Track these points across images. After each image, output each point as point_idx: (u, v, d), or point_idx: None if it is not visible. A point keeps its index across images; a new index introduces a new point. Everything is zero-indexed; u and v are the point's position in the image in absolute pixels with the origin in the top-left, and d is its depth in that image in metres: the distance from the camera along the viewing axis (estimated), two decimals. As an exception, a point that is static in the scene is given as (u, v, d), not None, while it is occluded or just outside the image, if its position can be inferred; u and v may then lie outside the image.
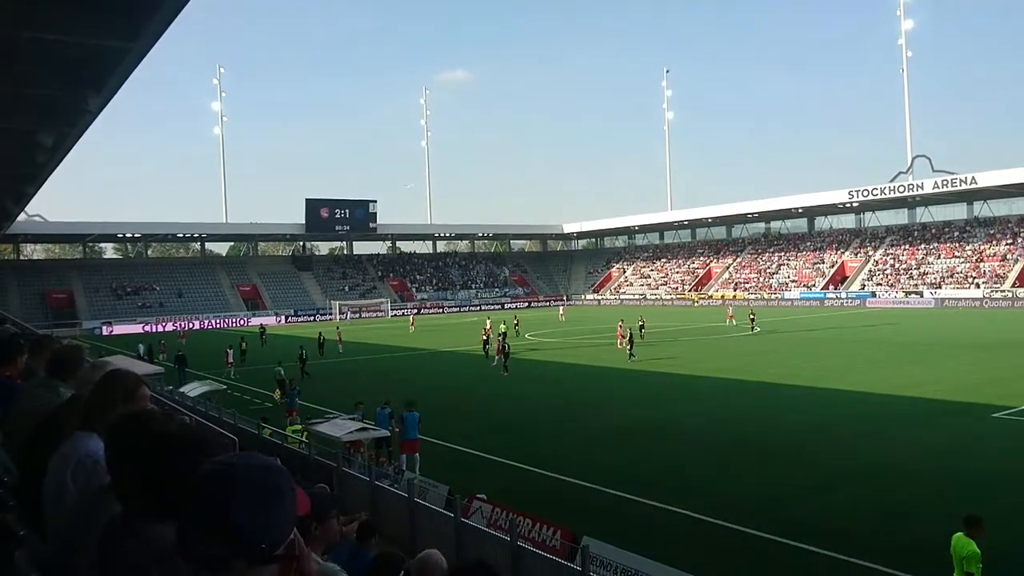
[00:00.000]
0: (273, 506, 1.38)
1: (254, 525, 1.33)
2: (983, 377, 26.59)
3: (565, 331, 53.18)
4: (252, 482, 1.37)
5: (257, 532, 1.33)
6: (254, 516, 1.33)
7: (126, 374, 2.89)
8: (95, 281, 77.90)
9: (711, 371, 30.65)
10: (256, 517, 1.34)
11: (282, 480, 1.43)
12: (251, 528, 1.32)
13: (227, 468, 1.40)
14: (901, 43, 77.10)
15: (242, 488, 1.35)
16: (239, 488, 1.35)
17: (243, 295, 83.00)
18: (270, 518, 1.37)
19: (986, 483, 14.61)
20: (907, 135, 78.09)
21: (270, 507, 1.37)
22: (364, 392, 23.36)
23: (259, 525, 1.34)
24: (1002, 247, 69.01)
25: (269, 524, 1.36)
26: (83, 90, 13.53)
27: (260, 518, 1.34)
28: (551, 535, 10.93)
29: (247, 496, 1.35)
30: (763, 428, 19.91)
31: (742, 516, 12.96)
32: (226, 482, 1.36)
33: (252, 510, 1.34)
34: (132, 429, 2.10)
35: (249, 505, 1.34)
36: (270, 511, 1.37)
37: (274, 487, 1.40)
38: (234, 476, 1.37)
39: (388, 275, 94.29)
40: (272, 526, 1.36)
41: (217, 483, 1.36)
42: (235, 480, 1.36)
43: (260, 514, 1.35)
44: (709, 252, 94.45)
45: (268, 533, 1.35)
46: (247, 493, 1.35)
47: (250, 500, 1.35)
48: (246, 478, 1.37)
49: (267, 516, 1.36)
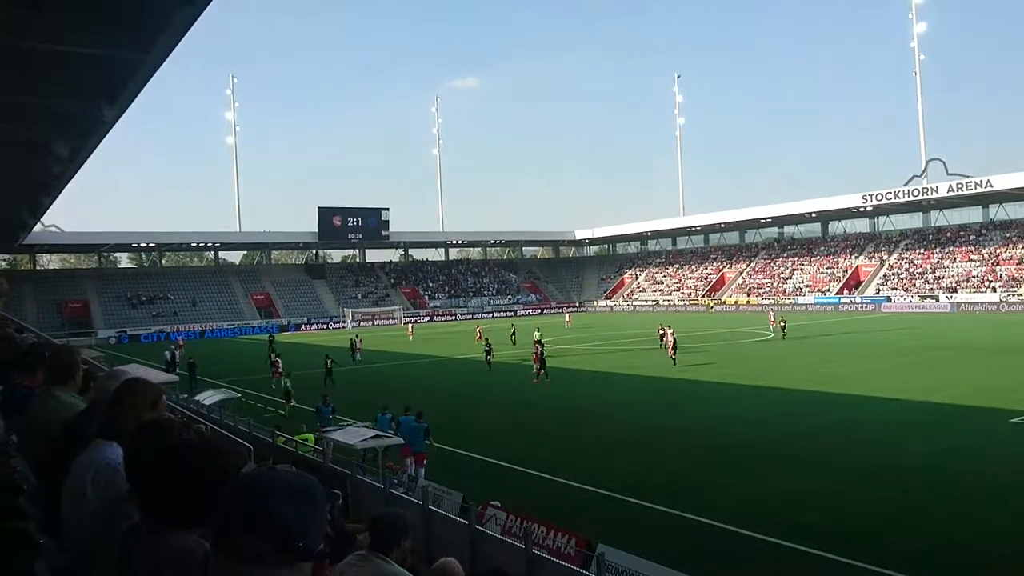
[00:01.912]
0: (309, 510, 1.51)
1: (293, 525, 1.46)
2: (1000, 382, 26.34)
3: (570, 338, 53.06)
4: (292, 486, 1.51)
5: (296, 532, 1.46)
6: (293, 517, 1.47)
7: (145, 383, 2.92)
8: (110, 290, 78.48)
9: (726, 377, 30.51)
10: (295, 518, 1.47)
11: (317, 490, 1.57)
12: (291, 527, 1.45)
13: (270, 472, 1.57)
14: (913, 46, 76.84)
15: (284, 491, 1.49)
16: (281, 491, 1.49)
17: (257, 303, 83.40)
18: (307, 520, 1.50)
19: (1003, 489, 14.46)
20: (921, 138, 77.76)
21: (307, 511, 1.51)
22: (377, 399, 23.39)
23: (297, 525, 1.47)
24: (1019, 250, 68.39)
25: (306, 526, 1.49)
26: (98, 101, 13.68)
27: (299, 519, 1.47)
28: (566, 543, 10.90)
29: (288, 498, 1.48)
30: (779, 433, 19.79)
31: (759, 522, 12.87)
32: (270, 484, 1.50)
33: (292, 511, 1.47)
34: (151, 438, 2.13)
35: (289, 507, 1.47)
36: (307, 514, 1.50)
37: (311, 494, 1.54)
38: (277, 479, 1.52)
39: (401, 283, 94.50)
40: (309, 528, 1.49)
41: (262, 485, 1.50)
42: (278, 483, 1.51)
43: (299, 516, 1.48)
44: (722, 257, 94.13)
45: (305, 534, 1.48)
46: (288, 496, 1.49)
47: (290, 502, 1.48)
48: (287, 482, 1.52)
49: (305, 518, 1.49)
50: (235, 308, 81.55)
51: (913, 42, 76.64)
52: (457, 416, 24.46)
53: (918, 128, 77.96)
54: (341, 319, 79.97)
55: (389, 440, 16.72)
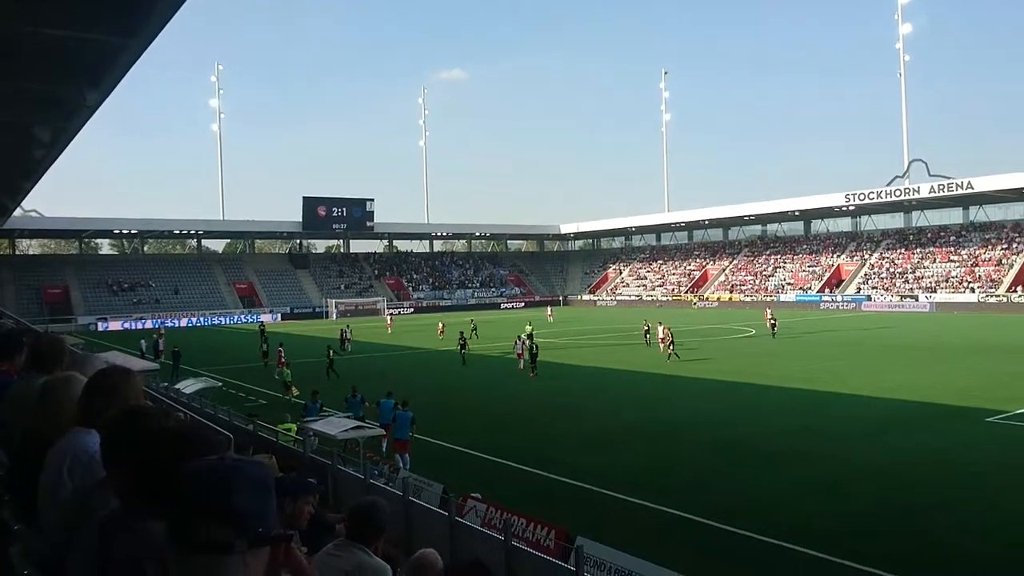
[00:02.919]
0: (265, 496, 1.55)
1: (252, 511, 1.50)
2: (977, 382, 26.66)
3: (553, 332, 53.13)
4: (247, 474, 1.54)
5: (254, 517, 1.50)
6: (251, 503, 1.50)
7: (123, 370, 2.89)
8: (91, 277, 77.72)
9: (707, 373, 30.69)
10: (253, 504, 1.51)
11: (269, 476, 1.61)
12: (249, 513, 1.49)
13: (224, 461, 1.58)
14: (899, 47, 77.31)
15: (240, 478, 1.52)
16: (238, 478, 1.52)
17: (239, 292, 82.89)
18: (264, 506, 1.54)
19: (981, 488, 14.65)
20: (904, 139, 78.26)
21: (263, 496, 1.55)
22: (370, 392, 23.31)
23: (255, 511, 1.51)
24: (997, 252, 69.18)
25: (264, 511, 1.53)
26: (81, 85, 13.54)
27: (256, 505, 1.51)
28: (545, 535, 10.94)
29: (245, 485, 1.51)
30: (758, 431, 19.93)
31: (737, 519, 12.98)
32: (227, 472, 1.52)
33: (249, 497, 1.51)
34: (129, 425, 2.11)
35: (247, 493, 1.51)
36: (263, 500, 1.54)
37: (265, 480, 1.57)
38: (232, 468, 1.54)
39: (385, 274, 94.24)
40: (266, 513, 1.54)
41: (219, 473, 1.52)
42: (234, 471, 1.53)
43: (256, 502, 1.52)
44: (706, 254, 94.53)
45: (263, 519, 1.52)
46: (245, 483, 1.52)
47: (247, 489, 1.51)
48: (243, 470, 1.54)
49: (261, 504, 1.53)
50: (218, 297, 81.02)
51: (898, 43, 77.19)
52: (439, 408, 24.46)
53: (901, 129, 78.60)
54: (324, 309, 79.64)
55: (371, 431, 16.71)
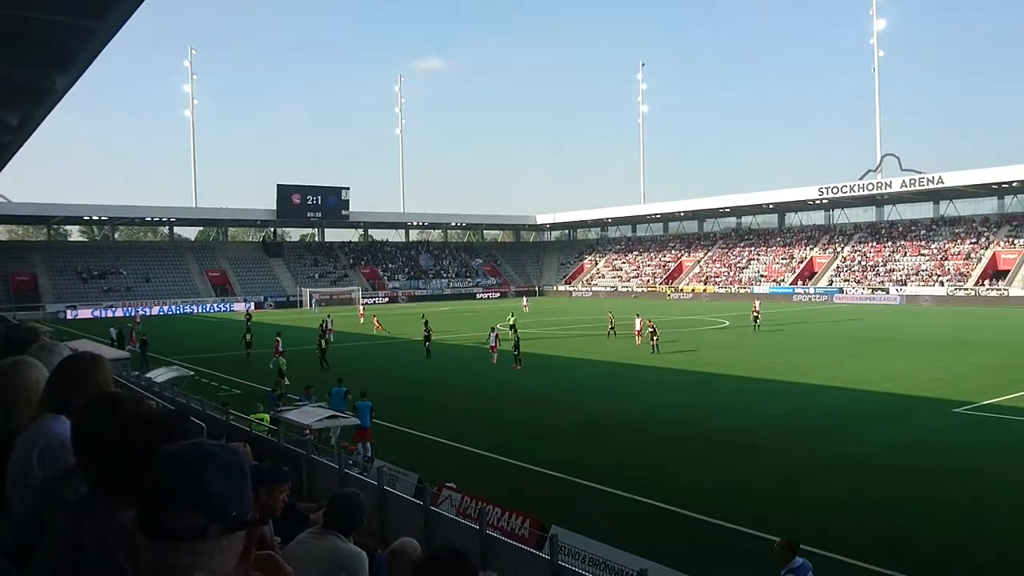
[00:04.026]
0: (239, 480, 1.52)
1: (226, 495, 1.46)
2: (945, 374, 27.12)
3: (528, 323, 53.19)
4: (221, 458, 1.51)
5: (229, 502, 1.46)
6: (225, 487, 1.47)
7: (93, 356, 2.85)
8: (60, 264, 76.48)
9: (683, 364, 30.92)
10: (227, 488, 1.47)
11: (243, 460, 1.57)
12: (224, 498, 1.46)
13: (197, 445, 1.54)
14: (873, 42, 78.07)
15: (213, 463, 1.49)
16: (211, 462, 1.48)
17: (212, 280, 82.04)
18: (238, 490, 1.50)
19: (948, 477, 14.91)
20: (877, 134, 79.15)
21: (237, 481, 1.51)
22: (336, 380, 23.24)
23: (230, 496, 1.47)
24: (966, 246, 70.32)
25: (238, 495, 1.50)
26: (49, 68, 13.28)
27: (230, 490, 1.48)
28: (520, 524, 10.98)
29: (218, 469, 1.48)
30: (731, 422, 20.14)
31: (710, 508, 13.12)
32: (199, 457, 1.49)
33: (223, 482, 1.47)
34: (101, 412, 2.07)
35: (221, 477, 1.47)
36: (237, 484, 1.51)
37: (239, 464, 1.54)
38: (205, 452, 1.51)
39: (360, 263, 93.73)
40: (241, 497, 1.50)
41: (192, 458, 1.49)
42: (207, 456, 1.50)
43: (230, 486, 1.48)
44: (681, 246, 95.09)
45: (238, 503, 1.48)
46: (218, 467, 1.48)
47: (221, 473, 1.48)
48: (216, 454, 1.51)
49: (236, 488, 1.50)
50: (190, 285, 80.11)
51: (873, 39, 77.96)
52: (414, 398, 24.44)
53: (875, 124, 79.49)
54: (299, 299, 79.06)
55: (345, 420, 16.64)
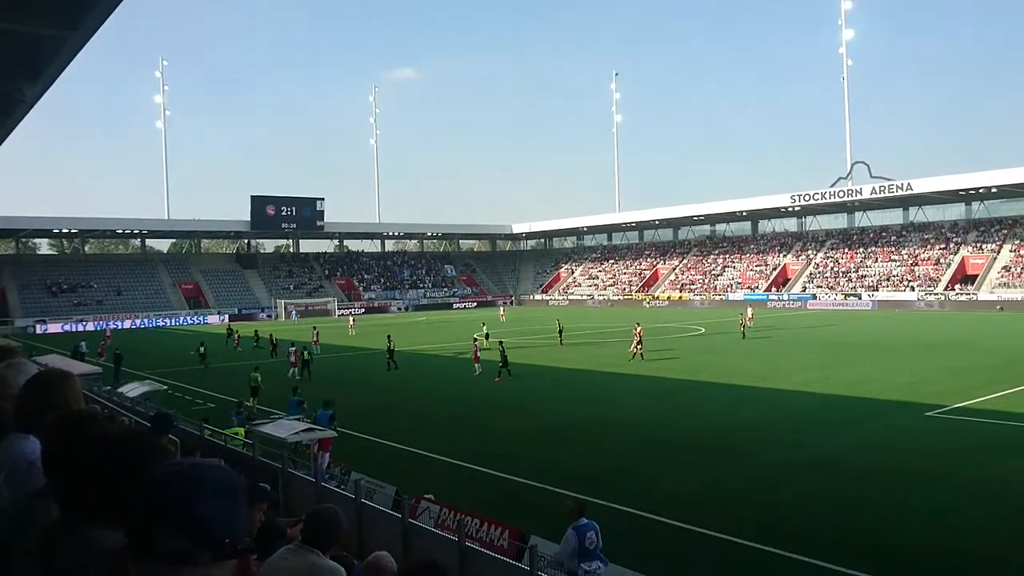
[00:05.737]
0: (233, 505, 1.48)
1: (218, 521, 1.42)
2: (916, 377, 27.48)
3: (505, 332, 53.16)
4: (215, 482, 1.47)
5: (221, 528, 1.43)
6: (218, 513, 1.43)
7: (62, 373, 2.80)
8: (28, 278, 75.30)
9: (659, 371, 31.02)
10: (219, 514, 1.44)
11: (239, 483, 1.53)
12: (216, 524, 1.42)
13: (192, 468, 1.50)
14: (842, 51, 79.27)
15: (207, 487, 1.45)
16: (204, 487, 1.45)
17: (185, 293, 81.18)
18: (231, 516, 1.46)
19: (922, 479, 15.07)
20: (847, 141, 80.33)
21: (231, 506, 1.47)
22: (321, 392, 23.04)
23: (222, 522, 1.43)
24: (935, 251, 71.45)
25: (230, 521, 1.46)
26: (18, 80, 13.11)
27: (223, 515, 1.44)
28: (499, 535, 10.93)
29: (211, 494, 1.44)
30: (709, 427, 20.23)
31: (689, 514, 13.16)
32: (192, 480, 1.45)
33: (216, 507, 1.44)
34: (71, 431, 2.04)
35: (213, 503, 1.44)
36: (231, 509, 1.47)
37: (233, 488, 1.50)
38: (199, 475, 1.47)
39: (335, 274, 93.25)
40: (233, 523, 1.46)
41: (184, 481, 1.45)
42: (200, 479, 1.46)
43: (223, 512, 1.45)
44: (656, 254, 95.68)
45: (230, 529, 1.45)
46: (211, 491, 1.45)
47: (214, 498, 1.44)
48: (210, 478, 1.47)
49: (229, 514, 1.46)
50: (163, 298, 79.21)
51: (842, 48, 79.14)
52: (391, 408, 24.31)
53: (845, 132, 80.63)
54: (273, 310, 78.42)
55: (322, 433, 16.49)
